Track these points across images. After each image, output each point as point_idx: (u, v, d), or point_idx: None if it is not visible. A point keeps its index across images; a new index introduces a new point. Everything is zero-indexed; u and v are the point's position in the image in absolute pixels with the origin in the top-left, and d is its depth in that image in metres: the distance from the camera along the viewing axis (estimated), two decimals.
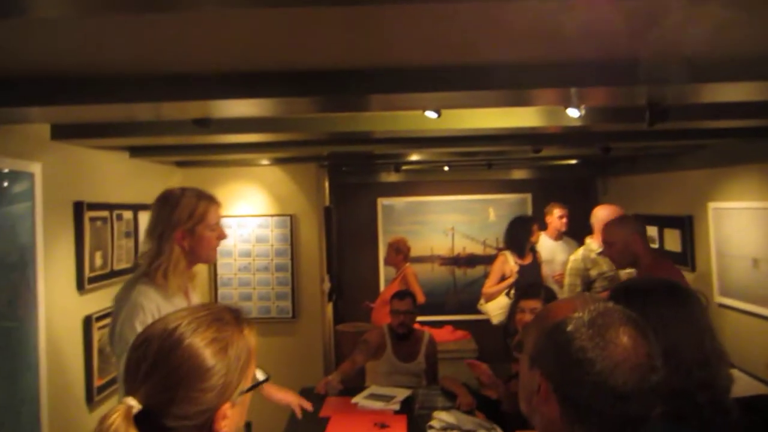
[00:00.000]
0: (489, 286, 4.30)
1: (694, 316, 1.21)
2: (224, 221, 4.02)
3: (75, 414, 2.69)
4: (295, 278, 4.20)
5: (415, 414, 2.89)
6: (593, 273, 3.67)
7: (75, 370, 2.71)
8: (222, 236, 1.99)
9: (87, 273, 2.73)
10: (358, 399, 3.07)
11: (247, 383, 0.96)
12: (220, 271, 4.19)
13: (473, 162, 4.96)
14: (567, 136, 3.29)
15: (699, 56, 1.64)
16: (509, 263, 4.25)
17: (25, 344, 2.27)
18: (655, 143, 3.47)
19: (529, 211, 6.04)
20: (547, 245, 4.70)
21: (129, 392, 0.86)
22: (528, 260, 4.31)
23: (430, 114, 2.23)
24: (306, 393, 3.30)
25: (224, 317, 0.97)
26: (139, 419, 0.83)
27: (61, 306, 2.57)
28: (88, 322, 2.76)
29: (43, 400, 2.36)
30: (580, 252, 3.78)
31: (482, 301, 4.42)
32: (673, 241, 4.28)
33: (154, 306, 1.79)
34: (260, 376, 1.01)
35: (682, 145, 3.66)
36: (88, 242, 2.73)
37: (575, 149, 4.02)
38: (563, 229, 4.72)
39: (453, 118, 2.52)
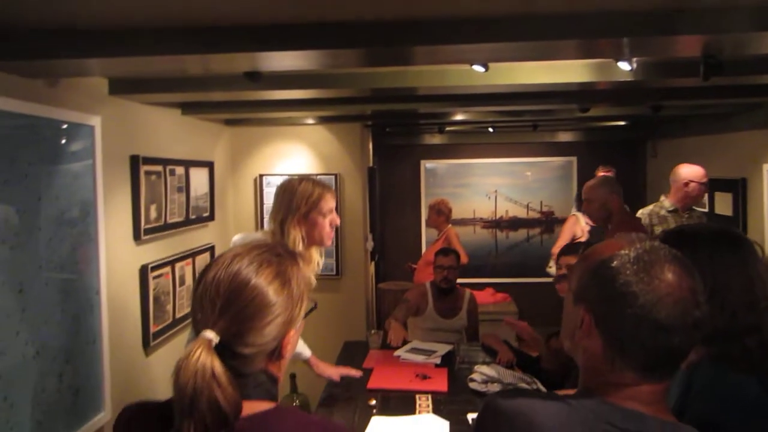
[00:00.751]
0: (559, 247, 4.31)
1: (744, 260, 1.20)
2: (268, 179, 4.11)
3: (133, 357, 2.86)
4: (339, 237, 4.28)
5: (456, 368, 2.95)
6: (657, 230, 3.60)
7: (132, 316, 2.87)
8: (334, 222, 2.20)
9: (143, 224, 2.86)
10: (400, 352, 3.16)
11: (304, 309, 1.04)
12: None
13: (518, 123, 4.89)
14: (616, 93, 3.20)
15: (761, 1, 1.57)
16: (580, 224, 4.23)
17: (88, 290, 2.41)
18: (708, 101, 3.34)
19: (574, 175, 5.94)
20: None
21: (206, 326, 0.93)
22: None
23: (478, 68, 2.20)
24: (350, 347, 3.43)
25: (280, 252, 1.03)
26: (218, 349, 0.91)
27: (119, 255, 2.70)
28: (144, 271, 2.90)
29: (104, 342, 2.51)
30: (650, 207, 3.67)
31: (551, 263, 4.42)
32: (724, 204, 4.16)
33: None
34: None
35: (737, 103, 3.52)
36: (143, 195, 2.85)
37: (624, 108, 3.92)
38: None
39: (499, 74, 2.49)
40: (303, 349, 2.60)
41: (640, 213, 3.69)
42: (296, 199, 2.12)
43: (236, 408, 0.90)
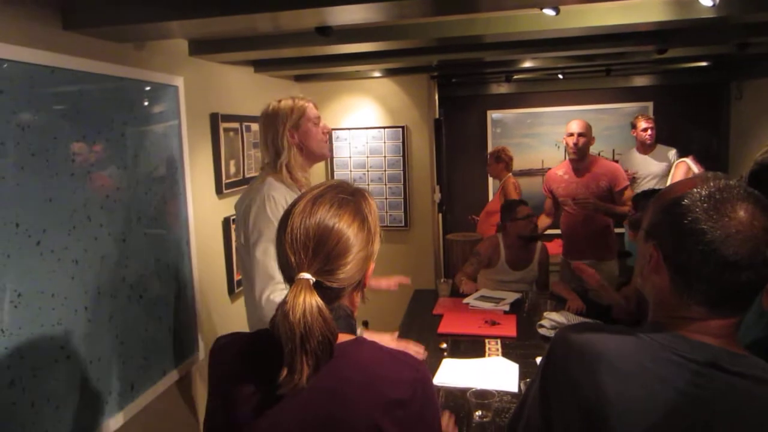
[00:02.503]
0: None
1: None
2: (336, 133, 4.18)
3: (220, 303, 3.09)
4: (407, 189, 4.36)
5: (524, 314, 3.00)
6: None
7: (218, 265, 3.08)
8: (326, 129, 2.16)
9: (224, 179, 3.03)
10: (469, 300, 3.23)
11: (378, 240, 1.13)
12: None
13: (590, 68, 4.72)
14: (697, 32, 3.03)
15: None
16: (693, 171, 4.12)
17: (179, 240, 2.61)
18: None
19: None
20: (635, 159, 4.52)
21: (301, 269, 1.01)
22: None
23: (549, 12, 2.16)
24: (419, 295, 3.54)
25: (353, 192, 1.12)
26: (315, 287, 1.01)
27: (204, 208, 2.89)
28: (226, 223, 3.09)
29: (196, 289, 2.73)
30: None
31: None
32: None
33: (282, 198, 1.95)
34: None
35: None
36: (223, 151, 3.01)
37: (706, 47, 3.70)
38: (649, 141, 4.51)
39: (570, 17, 2.42)
40: None
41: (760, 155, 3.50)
42: (281, 115, 2.05)
43: (336, 339, 1.00)
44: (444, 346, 2.61)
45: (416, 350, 2.06)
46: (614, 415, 0.90)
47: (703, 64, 4.66)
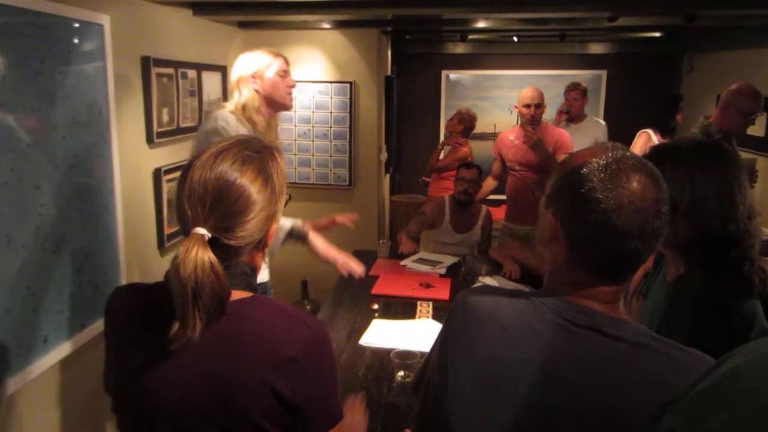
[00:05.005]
0: None
1: (724, 173, 1.21)
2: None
3: (149, 257, 2.98)
4: (352, 147, 4.27)
5: (460, 278, 3.02)
6: None
7: (148, 217, 2.96)
8: (291, 84, 2.30)
9: (155, 128, 2.88)
10: (407, 262, 3.23)
11: (284, 202, 1.09)
12: (279, 136, 4.29)
13: (545, 33, 4.67)
14: (648, 1, 3.02)
15: None
16: (653, 141, 4.14)
17: (103, 190, 2.48)
18: (749, 11, 3.13)
19: (603, 89, 5.74)
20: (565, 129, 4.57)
21: (197, 223, 0.97)
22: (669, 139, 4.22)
23: None
24: (358, 255, 3.46)
25: (260, 149, 1.06)
26: (210, 243, 0.96)
27: (133, 158, 2.75)
28: (157, 174, 2.96)
29: (120, 241, 2.61)
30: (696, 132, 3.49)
31: None
32: (756, 125, 3.98)
33: (233, 128, 2.11)
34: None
35: None
36: (155, 98, 2.85)
37: (656, 18, 3.70)
38: (574, 111, 4.49)
39: None
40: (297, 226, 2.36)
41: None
42: (250, 61, 2.24)
43: (229, 296, 0.98)
44: (375, 306, 2.61)
45: (357, 269, 2.32)
46: (503, 375, 0.92)
47: (656, 34, 4.68)
